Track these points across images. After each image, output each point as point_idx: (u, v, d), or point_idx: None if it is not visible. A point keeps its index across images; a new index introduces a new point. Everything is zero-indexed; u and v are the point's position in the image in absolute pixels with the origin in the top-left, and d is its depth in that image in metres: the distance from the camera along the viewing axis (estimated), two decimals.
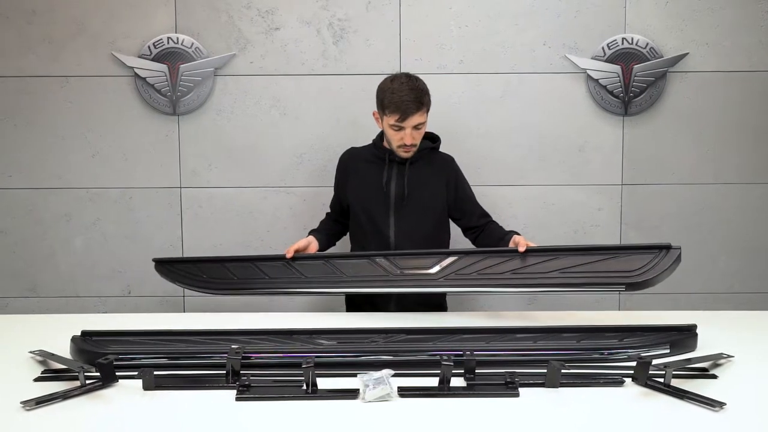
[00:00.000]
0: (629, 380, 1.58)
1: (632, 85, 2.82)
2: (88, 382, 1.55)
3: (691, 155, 2.89)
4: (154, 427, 1.41)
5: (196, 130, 2.87)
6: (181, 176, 2.89)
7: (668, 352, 1.75)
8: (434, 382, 1.55)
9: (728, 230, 2.92)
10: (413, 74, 2.29)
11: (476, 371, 1.59)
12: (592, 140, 2.88)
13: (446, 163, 2.43)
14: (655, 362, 1.58)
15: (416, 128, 2.24)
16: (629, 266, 2.00)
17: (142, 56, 2.81)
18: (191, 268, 2.31)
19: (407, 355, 1.71)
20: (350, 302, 2.48)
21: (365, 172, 2.39)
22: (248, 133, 2.88)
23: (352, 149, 2.50)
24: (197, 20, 2.82)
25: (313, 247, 2.35)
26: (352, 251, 2.45)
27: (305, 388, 1.52)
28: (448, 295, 2.47)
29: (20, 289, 2.94)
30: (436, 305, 2.41)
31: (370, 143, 2.45)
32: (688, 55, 2.82)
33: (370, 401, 1.48)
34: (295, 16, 2.82)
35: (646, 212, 2.92)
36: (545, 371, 1.56)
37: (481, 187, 2.61)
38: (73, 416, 1.43)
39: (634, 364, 1.59)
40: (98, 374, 1.56)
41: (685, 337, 1.81)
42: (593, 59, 2.82)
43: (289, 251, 2.24)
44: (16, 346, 1.82)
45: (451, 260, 2.13)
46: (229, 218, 2.92)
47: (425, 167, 2.36)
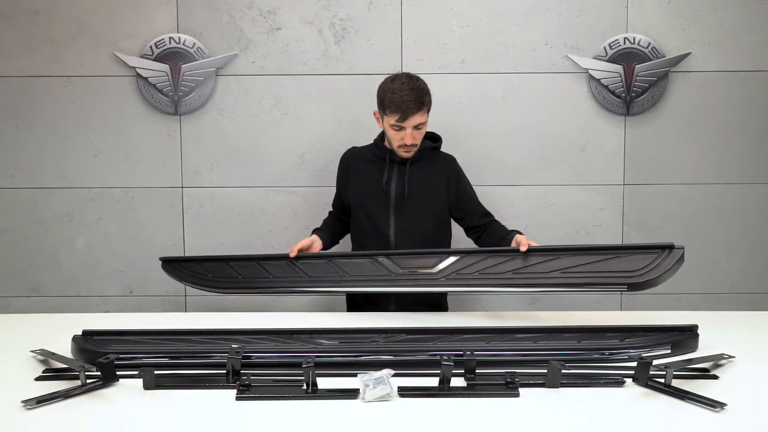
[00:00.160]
0: (630, 381, 1.58)
1: (634, 84, 2.82)
2: (88, 381, 1.56)
3: (693, 155, 2.89)
4: (154, 426, 1.41)
5: (197, 129, 2.88)
6: (182, 176, 2.90)
7: (669, 352, 1.74)
8: (434, 382, 1.55)
9: (730, 230, 2.92)
10: (414, 74, 2.29)
11: (476, 371, 1.59)
12: (593, 140, 2.88)
13: (447, 163, 2.43)
14: (655, 362, 1.58)
15: (417, 128, 2.24)
16: (631, 266, 1.99)
17: (143, 56, 2.82)
18: (197, 267, 2.33)
19: (407, 355, 1.71)
20: (351, 301, 2.48)
21: (366, 171, 2.39)
22: (250, 132, 2.88)
23: (353, 149, 2.51)
24: (199, 20, 2.82)
25: (316, 246, 2.35)
26: (353, 251, 2.45)
27: (305, 387, 1.52)
28: (449, 294, 2.48)
29: (22, 288, 2.94)
30: (436, 305, 2.40)
31: (371, 143, 2.45)
32: (690, 54, 2.82)
33: (370, 401, 1.48)
34: (296, 16, 2.83)
35: (647, 212, 2.91)
36: (545, 371, 1.56)
37: (482, 187, 2.60)
38: (73, 415, 1.43)
39: (634, 364, 1.59)
40: (99, 373, 1.57)
41: (686, 337, 1.80)
42: (595, 59, 2.82)
43: (292, 251, 2.25)
44: (17, 345, 1.83)
45: (452, 260, 2.13)
46: (230, 218, 2.92)
47: (426, 167, 2.36)
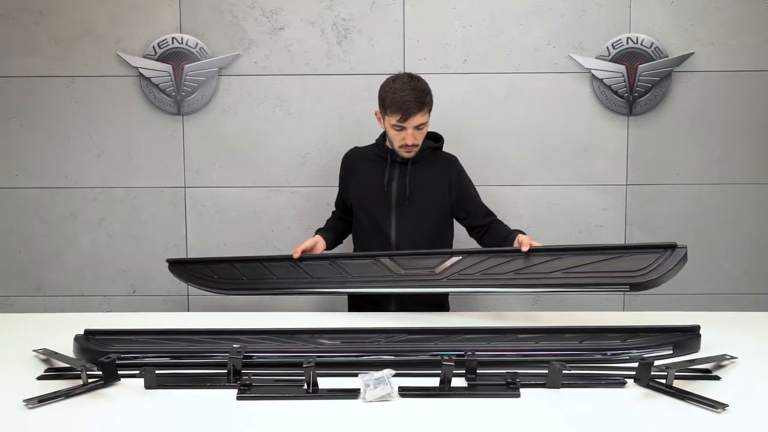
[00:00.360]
0: (631, 381, 1.57)
1: (637, 84, 2.81)
2: (90, 380, 1.56)
3: (696, 155, 2.88)
4: (155, 425, 1.41)
5: (200, 129, 2.88)
6: (185, 176, 2.90)
7: (671, 353, 1.74)
8: (435, 382, 1.55)
9: (734, 231, 2.91)
10: (415, 74, 2.29)
11: (477, 371, 1.59)
12: (596, 140, 2.87)
13: (449, 162, 2.43)
14: (657, 363, 1.57)
15: (418, 128, 2.24)
16: (633, 266, 1.99)
17: (146, 56, 2.82)
18: (203, 268, 2.35)
19: (408, 355, 1.71)
20: (352, 301, 2.48)
21: (367, 171, 2.39)
22: (252, 132, 2.88)
23: (355, 149, 2.51)
24: (202, 20, 2.83)
25: (320, 246, 2.35)
26: (354, 251, 2.45)
27: (306, 387, 1.52)
28: (450, 295, 2.48)
29: (26, 287, 2.95)
30: (438, 305, 2.40)
31: (373, 143, 2.45)
32: (693, 54, 2.81)
33: (370, 401, 1.48)
34: (299, 16, 2.83)
35: (651, 212, 2.90)
36: (547, 372, 1.56)
37: (485, 187, 2.60)
38: (74, 415, 1.44)
39: (636, 365, 1.58)
40: (100, 373, 1.57)
41: (688, 338, 1.80)
42: (598, 59, 2.81)
43: (296, 252, 2.25)
44: (20, 344, 1.84)
45: (454, 260, 2.13)
46: (233, 218, 2.92)
47: (427, 167, 2.36)
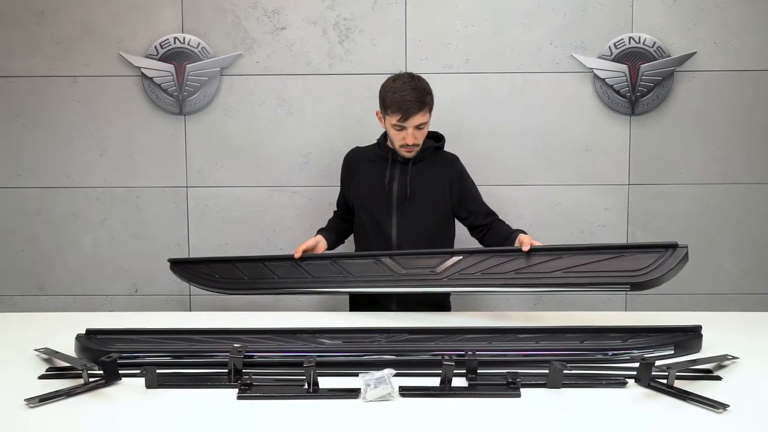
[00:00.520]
0: (632, 381, 1.57)
1: (639, 84, 2.81)
2: (91, 380, 1.56)
3: (698, 155, 2.87)
4: (155, 425, 1.41)
5: (202, 129, 2.89)
6: (187, 175, 2.90)
7: (672, 353, 1.74)
8: (436, 381, 1.55)
9: (736, 231, 2.90)
10: (416, 74, 2.29)
11: (478, 371, 1.58)
12: (598, 140, 2.87)
13: (450, 162, 2.42)
14: (658, 363, 1.56)
15: (418, 128, 2.24)
16: (634, 265, 1.98)
17: (148, 56, 2.83)
18: (204, 268, 2.35)
19: (409, 354, 1.71)
20: (354, 302, 2.48)
21: (368, 171, 2.39)
22: (254, 132, 2.89)
23: (356, 148, 2.51)
24: (204, 20, 2.83)
25: (321, 246, 2.35)
26: (356, 251, 2.45)
27: (306, 387, 1.52)
28: (452, 294, 2.47)
29: (28, 287, 2.96)
30: (439, 305, 2.40)
31: (374, 143, 2.44)
32: (695, 54, 2.80)
33: (371, 401, 1.48)
34: (301, 15, 2.83)
35: (653, 212, 2.90)
36: (547, 372, 1.56)
37: (486, 186, 2.60)
38: (75, 414, 1.44)
39: (637, 365, 1.58)
40: (101, 372, 1.58)
41: (689, 338, 1.79)
42: (600, 58, 2.81)
43: (297, 251, 2.25)
44: (22, 343, 1.84)
45: (455, 260, 2.13)
46: (235, 217, 2.93)
47: (429, 167, 2.36)
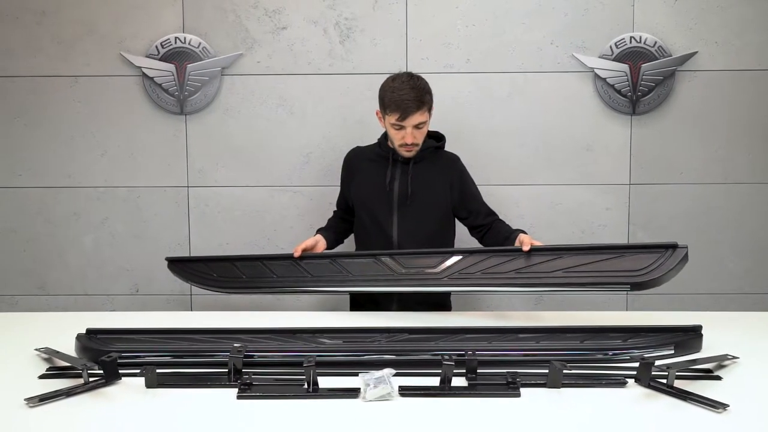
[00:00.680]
0: (632, 381, 1.57)
1: (640, 84, 2.80)
2: (91, 379, 1.57)
3: (699, 155, 2.87)
4: (155, 424, 1.42)
5: (203, 129, 2.89)
6: (188, 175, 2.91)
7: (673, 352, 1.73)
8: (435, 381, 1.55)
9: (737, 230, 2.90)
10: (416, 73, 2.29)
11: (478, 371, 1.58)
12: (599, 140, 2.86)
13: (451, 162, 2.42)
14: (658, 363, 1.56)
15: (417, 127, 2.24)
16: (634, 265, 1.98)
17: (149, 56, 2.83)
18: (202, 267, 2.34)
19: (409, 354, 1.71)
20: (354, 301, 2.48)
21: (369, 171, 2.39)
22: (255, 132, 2.89)
23: (357, 148, 2.51)
24: (204, 20, 2.83)
25: (320, 246, 2.35)
26: (356, 250, 2.45)
27: (306, 386, 1.52)
28: (452, 294, 2.47)
29: (30, 287, 2.96)
30: (439, 305, 2.40)
31: (375, 142, 2.44)
32: (696, 53, 2.80)
33: (370, 400, 1.48)
34: (301, 15, 2.83)
35: (654, 212, 2.89)
36: (547, 371, 1.56)
37: (487, 186, 2.60)
38: (75, 413, 1.44)
39: (637, 365, 1.58)
40: (101, 372, 1.58)
41: (690, 338, 1.79)
42: (601, 58, 2.80)
43: (296, 250, 2.25)
44: (22, 343, 1.84)
45: (455, 259, 2.13)
46: (236, 217, 2.93)
47: (429, 166, 2.36)
